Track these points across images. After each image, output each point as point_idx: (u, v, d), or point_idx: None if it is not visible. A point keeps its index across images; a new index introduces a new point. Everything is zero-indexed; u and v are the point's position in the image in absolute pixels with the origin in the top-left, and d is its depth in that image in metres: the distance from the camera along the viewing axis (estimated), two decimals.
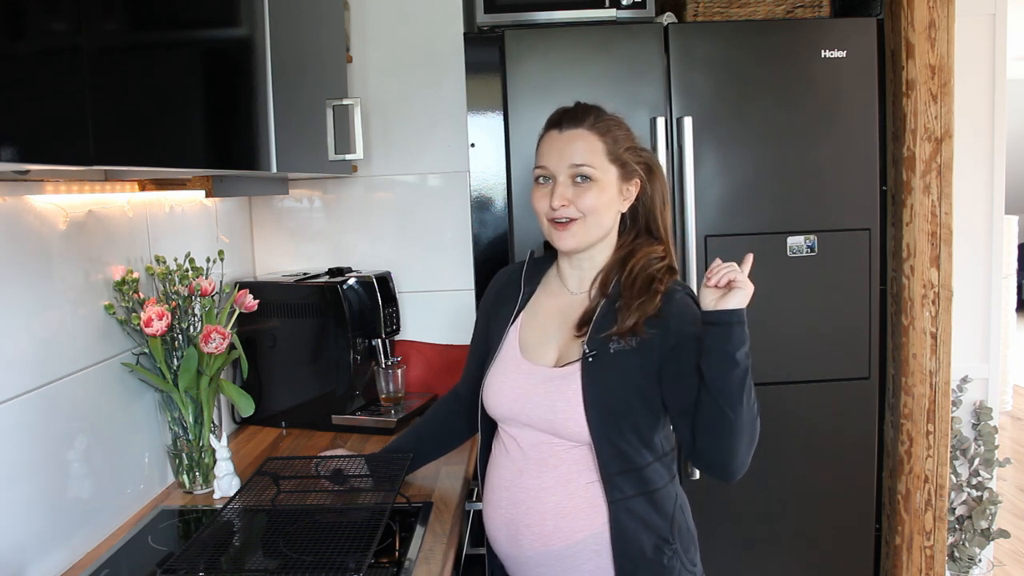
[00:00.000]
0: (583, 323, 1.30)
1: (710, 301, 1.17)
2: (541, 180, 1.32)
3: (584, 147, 1.29)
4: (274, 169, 1.43)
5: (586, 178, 1.28)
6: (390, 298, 2.08)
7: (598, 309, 1.30)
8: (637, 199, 1.35)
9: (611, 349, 1.25)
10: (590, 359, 1.25)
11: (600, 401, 1.24)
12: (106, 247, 1.47)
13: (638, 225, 1.37)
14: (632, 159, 1.32)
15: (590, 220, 1.29)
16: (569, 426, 1.25)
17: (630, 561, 1.24)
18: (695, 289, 1.32)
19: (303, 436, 1.97)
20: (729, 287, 1.16)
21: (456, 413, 1.56)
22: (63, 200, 1.34)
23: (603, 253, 1.35)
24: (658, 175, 1.36)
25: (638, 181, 1.34)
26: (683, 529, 1.30)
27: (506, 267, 1.54)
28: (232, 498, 1.45)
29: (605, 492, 1.24)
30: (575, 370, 1.26)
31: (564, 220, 1.29)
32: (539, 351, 1.34)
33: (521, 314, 1.40)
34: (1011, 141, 2.70)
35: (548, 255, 1.46)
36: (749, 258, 1.21)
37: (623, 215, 1.36)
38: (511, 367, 1.35)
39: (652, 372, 1.25)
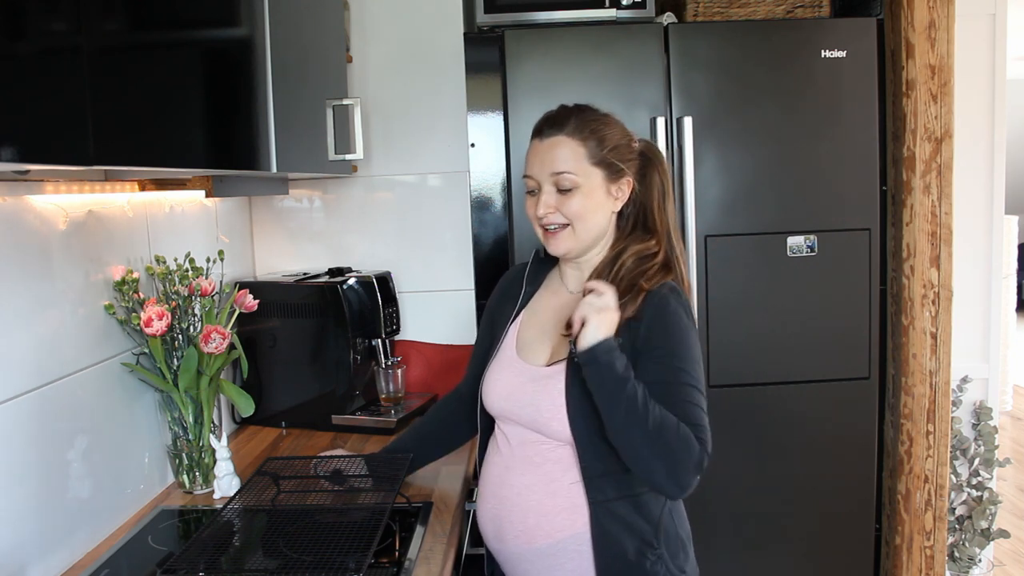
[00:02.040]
0: (571, 322, 1.28)
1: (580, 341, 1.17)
2: (529, 189, 1.32)
3: (564, 154, 1.27)
4: (274, 169, 1.43)
5: (568, 185, 1.27)
6: (390, 298, 2.08)
7: None
8: (632, 195, 1.33)
9: None
10: (576, 359, 1.23)
11: (583, 401, 1.22)
12: (106, 247, 1.46)
13: (633, 221, 1.35)
14: (618, 158, 1.29)
15: (578, 226, 1.28)
16: (552, 425, 1.25)
17: (611, 563, 1.23)
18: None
19: (303, 436, 1.97)
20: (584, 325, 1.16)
21: (457, 413, 1.56)
22: (63, 200, 1.34)
23: (600, 254, 1.35)
24: (656, 167, 1.33)
25: (629, 180, 1.31)
26: (671, 535, 1.28)
27: (513, 266, 1.55)
28: (232, 498, 1.45)
29: (587, 493, 1.24)
30: (561, 369, 1.26)
31: (553, 227, 1.29)
32: (534, 349, 1.34)
33: (522, 312, 1.40)
34: (1011, 141, 2.71)
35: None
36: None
37: (621, 211, 1.34)
38: (506, 364, 1.36)
39: None
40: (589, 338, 1.15)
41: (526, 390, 1.29)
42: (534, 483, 1.28)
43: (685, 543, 1.32)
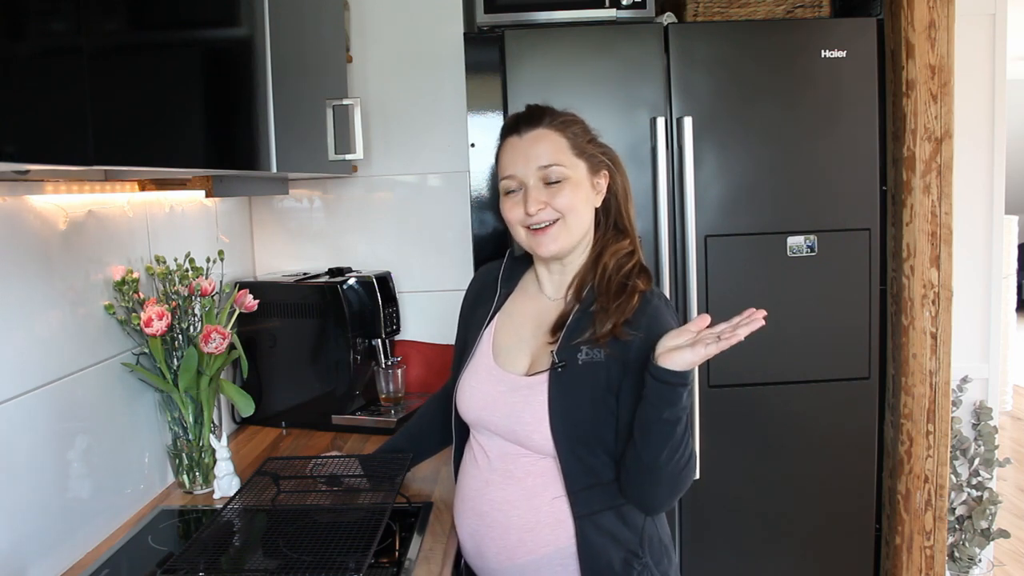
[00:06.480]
0: (556, 329, 1.26)
1: (665, 348, 1.12)
2: (510, 190, 1.29)
3: (549, 146, 1.25)
4: (274, 169, 1.43)
5: (557, 178, 1.25)
6: (390, 298, 2.08)
7: (571, 315, 1.26)
8: (608, 192, 1.32)
9: (580, 360, 1.21)
10: (559, 370, 1.20)
11: (566, 414, 1.20)
12: (106, 247, 1.47)
13: (610, 220, 1.33)
14: (596, 151, 1.30)
15: (570, 219, 1.26)
16: (534, 438, 1.22)
17: None
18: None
19: (303, 436, 1.97)
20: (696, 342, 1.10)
21: (446, 412, 1.54)
22: (63, 200, 1.34)
23: (581, 256, 1.31)
24: (620, 167, 1.33)
25: (607, 172, 1.31)
26: (654, 541, 1.26)
27: (487, 264, 1.49)
28: (232, 498, 1.45)
29: (572, 507, 1.20)
30: (543, 380, 1.23)
31: (543, 224, 1.25)
32: (512, 356, 1.30)
33: (496, 316, 1.36)
34: (1011, 141, 2.71)
35: (527, 254, 1.42)
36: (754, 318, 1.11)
37: (596, 211, 1.32)
38: (482, 372, 1.31)
39: (614, 384, 1.20)
40: (689, 360, 1.10)
41: (506, 400, 1.26)
42: (515, 498, 1.24)
43: (668, 547, 1.30)
